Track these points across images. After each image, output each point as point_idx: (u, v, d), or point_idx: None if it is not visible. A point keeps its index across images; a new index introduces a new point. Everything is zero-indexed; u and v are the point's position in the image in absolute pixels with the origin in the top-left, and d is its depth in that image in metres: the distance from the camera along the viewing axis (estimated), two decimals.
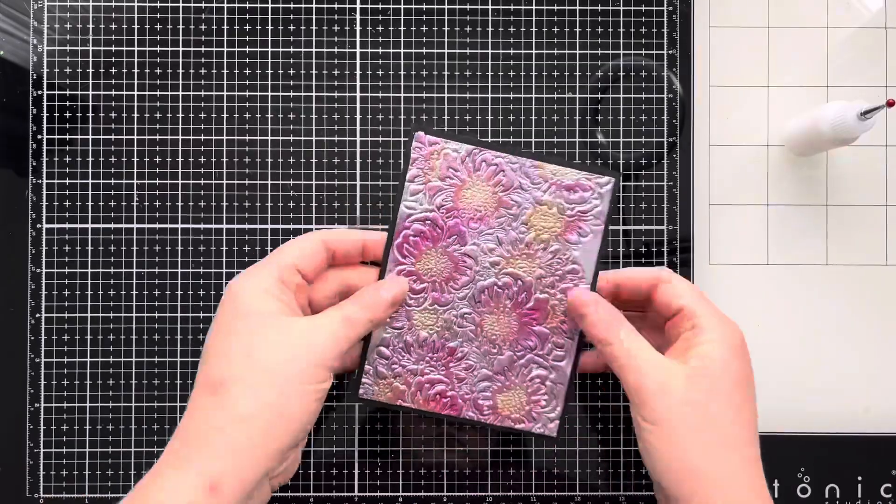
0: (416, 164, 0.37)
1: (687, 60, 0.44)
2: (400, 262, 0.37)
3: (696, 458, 0.32)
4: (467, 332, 0.37)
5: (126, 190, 0.43)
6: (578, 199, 0.37)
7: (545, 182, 0.37)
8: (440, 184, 0.37)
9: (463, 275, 0.37)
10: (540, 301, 0.37)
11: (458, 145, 0.36)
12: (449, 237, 0.37)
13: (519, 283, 0.37)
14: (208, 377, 0.32)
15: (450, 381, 0.37)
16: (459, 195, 0.37)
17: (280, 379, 0.32)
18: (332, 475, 0.43)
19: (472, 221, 0.37)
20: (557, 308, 0.37)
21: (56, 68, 0.43)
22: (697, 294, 0.36)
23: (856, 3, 0.44)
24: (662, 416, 0.33)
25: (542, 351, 0.37)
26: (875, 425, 0.43)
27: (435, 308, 0.37)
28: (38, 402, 0.42)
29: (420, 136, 0.36)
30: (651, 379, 0.33)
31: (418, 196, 0.37)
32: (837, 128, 0.39)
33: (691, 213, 0.43)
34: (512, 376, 0.37)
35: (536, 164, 0.36)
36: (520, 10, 0.43)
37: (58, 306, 0.42)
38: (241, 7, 0.43)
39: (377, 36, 0.43)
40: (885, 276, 0.44)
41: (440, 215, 0.37)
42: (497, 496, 0.43)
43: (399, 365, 0.37)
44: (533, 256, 0.37)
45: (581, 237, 0.37)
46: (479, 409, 0.38)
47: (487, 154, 0.36)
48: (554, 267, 0.37)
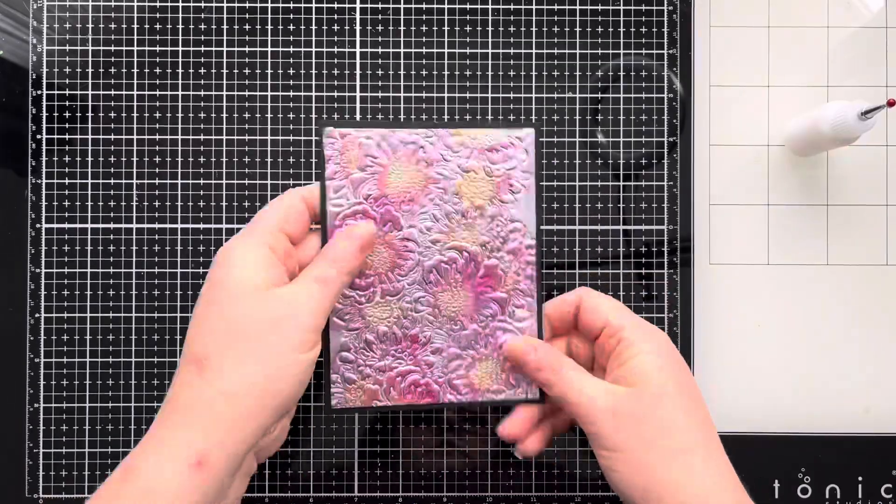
0: (331, 160, 0.35)
1: (687, 60, 0.43)
2: None
3: (658, 471, 0.32)
4: (425, 316, 0.36)
5: (126, 190, 0.43)
6: (502, 158, 0.36)
7: (466, 148, 0.36)
8: (362, 174, 0.36)
9: (407, 260, 0.36)
10: (489, 267, 0.36)
11: (370, 132, 0.36)
12: (383, 225, 0.36)
13: (465, 254, 0.36)
14: (193, 352, 0.32)
15: (420, 369, 0.37)
16: (384, 181, 0.36)
17: (264, 352, 0.32)
18: (332, 475, 0.43)
19: (404, 204, 0.36)
20: (509, 270, 0.37)
21: (56, 68, 0.43)
22: (617, 307, 0.36)
23: (856, 3, 0.44)
24: (618, 442, 0.33)
25: (503, 315, 0.37)
26: (875, 425, 0.43)
27: (387, 300, 0.36)
28: (38, 402, 0.42)
29: (330, 132, 0.35)
30: (599, 410, 0.33)
31: (343, 192, 0.36)
32: (838, 128, 0.39)
33: (691, 213, 0.43)
34: (480, 348, 0.37)
35: (453, 132, 0.36)
36: (520, 10, 0.43)
37: (57, 306, 0.42)
38: (241, 7, 0.43)
39: (377, 36, 0.43)
40: (885, 276, 0.44)
41: (369, 206, 0.36)
42: (497, 496, 0.43)
43: (365, 366, 0.36)
44: (472, 225, 0.36)
45: (514, 194, 0.36)
46: (457, 390, 0.37)
47: (402, 134, 0.36)
48: (495, 230, 0.36)
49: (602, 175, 0.43)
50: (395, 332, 0.36)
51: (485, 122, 0.39)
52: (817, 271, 0.44)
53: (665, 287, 0.43)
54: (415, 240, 0.36)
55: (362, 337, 0.36)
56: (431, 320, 0.37)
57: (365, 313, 0.36)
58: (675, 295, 0.43)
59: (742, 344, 0.44)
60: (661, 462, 0.33)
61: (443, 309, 0.37)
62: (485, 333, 0.37)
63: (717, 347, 0.43)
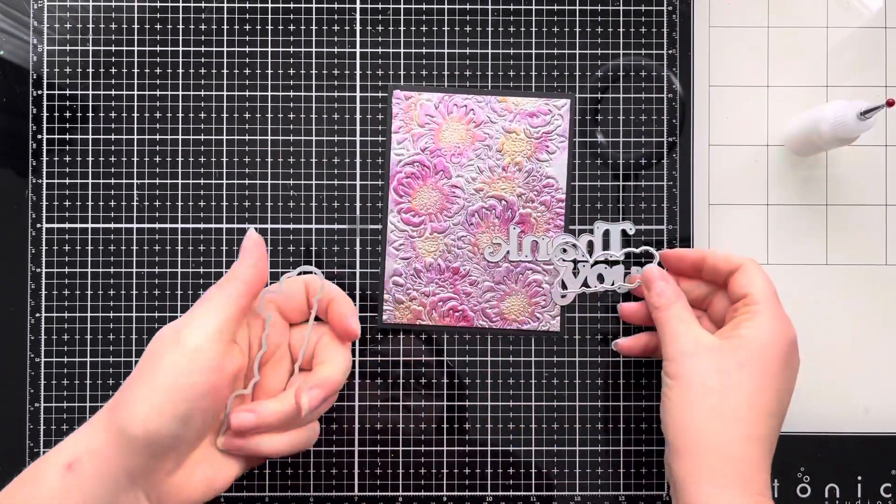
0: (397, 117, 0.42)
1: (687, 60, 0.44)
2: (398, 202, 0.42)
3: (700, 418, 0.34)
4: (466, 253, 0.42)
5: (126, 190, 0.43)
6: (542, 123, 0.42)
7: (510, 113, 0.42)
8: (421, 130, 0.42)
9: (453, 204, 0.42)
10: (524, 215, 0.42)
11: (430, 95, 0.42)
12: (436, 174, 0.42)
13: (503, 202, 0.42)
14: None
15: (459, 297, 0.42)
16: (439, 137, 0.42)
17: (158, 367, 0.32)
18: (332, 475, 0.43)
19: (454, 157, 0.42)
20: (541, 219, 0.42)
21: (56, 68, 0.43)
22: (769, 288, 0.37)
23: (856, 3, 0.44)
24: (682, 372, 0.35)
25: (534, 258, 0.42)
26: (875, 425, 0.43)
27: (435, 236, 0.42)
28: (38, 402, 0.42)
29: (397, 93, 0.42)
30: (684, 341, 0.36)
31: (404, 143, 0.42)
32: (837, 128, 0.39)
33: (691, 213, 0.43)
34: (511, 284, 0.42)
35: (500, 98, 0.42)
36: (520, 10, 0.43)
37: (58, 306, 0.42)
38: (241, 7, 0.43)
39: (377, 36, 0.43)
40: (885, 276, 0.44)
41: (425, 157, 0.42)
42: (497, 496, 0.43)
43: (413, 290, 0.42)
44: (511, 178, 0.42)
45: (550, 154, 0.42)
46: (489, 318, 0.42)
47: (457, 98, 0.42)
48: (531, 184, 0.42)
49: (602, 175, 0.43)
50: (440, 263, 0.42)
51: (528, 92, 0.43)
52: (817, 271, 0.44)
53: None
54: (461, 187, 0.42)
55: (412, 265, 0.42)
56: (471, 256, 0.42)
57: (415, 245, 0.42)
58: None
59: None
60: (708, 412, 0.34)
61: (481, 247, 0.42)
62: (516, 272, 0.42)
63: None
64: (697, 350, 0.35)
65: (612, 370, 0.43)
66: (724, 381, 0.34)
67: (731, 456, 0.34)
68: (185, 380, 0.32)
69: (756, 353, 0.35)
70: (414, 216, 0.42)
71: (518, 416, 0.43)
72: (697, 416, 0.34)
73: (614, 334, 0.43)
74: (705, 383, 0.35)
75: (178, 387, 0.32)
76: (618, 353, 0.42)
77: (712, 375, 0.35)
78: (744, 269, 0.37)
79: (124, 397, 0.32)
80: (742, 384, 0.34)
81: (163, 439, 0.31)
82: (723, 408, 0.34)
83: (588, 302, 0.43)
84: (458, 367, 0.43)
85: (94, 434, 0.32)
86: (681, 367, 0.35)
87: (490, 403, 0.43)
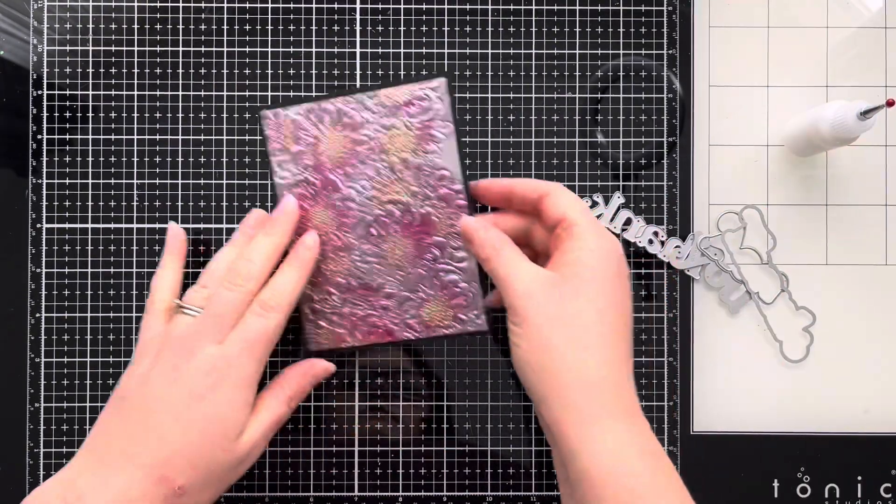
0: (273, 140, 0.39)
1: (687, 60, 0.44)
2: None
3: (556, 356, 0.33)
4: (374, 266, 0.40)
5: (126, 190, 0.43)
6: (419, 110, 0.39)
7: (384, 108, 0.39)
8: (299, 147, 0.39)
9: (350, 218, 0.40)
10: (424, 215, 0.39)
11: (296, 108, 0.39)
12: (325, 190, 0.39)
13: (399, 206, 0.39)
14: None
15: (377, 312, 0.40)
16: (318, 150, 0.39)
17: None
18: (332, 475, 0.43)
19: (338, 169, 0.39)
20: (442, 216, 0.39)
21: (56, 68, 0.43)
22: (581, 207, 0.36)
23: (856, 3, 0.44)
24: (525, 316, 0.34)
25: (444, 258, 0.40)
26: (875, 425, 0.43)
27: (338, 255, 0.40)
28: (38, 402, 0.42)
29: (265, 114, 0.39)
30: (520, 284, 0.35)
31: (286, 166, 0.40)
32: (837, 128, 0.39)
33: (691, 213, 0.43)
34: (427, 289, 0.40)
35: (371, 94, 0.39)
36: (520, 10, 0.43)
37: (58, 306, 0.42)
38: (241, 7, 0.43)
39: (377, 36, 0.43)
40: (884, 275, 0.44)
41: (309, 175, 0.39)
42: (497, 496, 0.43)
43: (331, 313, 0.41)
44: (402, 179, 0.39)
45: (436, 144, 0.39)
46: (412, 328, 0.40)
47: (326, 104, 0.39)
48: (423, 180, 0.39)
49: (602, 175, 0.43)
50: (351, 282, 0.40)
51: (397, 80, 0.41)
52: (817, 271, 0.44)
53: (665, 287, 0.43)
54: (353, 199, 0.40)
55: (324, 289, 0.41)
56: (380, 269, 0.40)
57: (322, 269, 0.40)
58: (675, 295, 0.43)
59: (741, 344, 0.44)
60: (559, 347, 0.33)
61: (388, 258, 0.40)
62: (429, 276, 0.40)
63: (716, 347, 0.43)
64: (534, 288, 0.34)
65: None
66: (569, 311, 0.34)
67: (598, 384, 0.33)
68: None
69: (590, 276, 0.34)
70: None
71: (518, 416, 0.43)
72: (553, 355, 0.33)
73: None
74: (551, 319, 0.34)
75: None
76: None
77: (555, 308, 0.34)
78: (553, 193, 0.37)
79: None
80: (586, 310, 0.34)
81: None
82: (575, 339, 0.33)
83: None
84: (458, 368, 0.43)
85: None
86: (524, 310, 0.34)
87: (490, 403, 0.43)
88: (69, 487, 0.33)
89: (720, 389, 0.43)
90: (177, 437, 0.34)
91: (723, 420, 0.43)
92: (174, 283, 0.39)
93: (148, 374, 0.35)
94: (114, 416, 0.35)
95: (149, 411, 0.34)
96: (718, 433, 0.43)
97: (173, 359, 0.35)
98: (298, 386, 0.39)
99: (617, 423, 0.32)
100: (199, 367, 0.35)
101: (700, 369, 0.43)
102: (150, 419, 0.34)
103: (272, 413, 0.37)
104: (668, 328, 0.43)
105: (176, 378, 0.35)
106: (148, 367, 0.36)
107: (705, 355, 0.43)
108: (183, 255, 0.41)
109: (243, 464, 0.36)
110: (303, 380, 0.39)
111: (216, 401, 0.35)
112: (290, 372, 0.39)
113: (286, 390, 0.38)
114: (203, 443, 0.34)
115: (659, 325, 0.43)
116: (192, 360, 0.35)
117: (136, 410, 0.35)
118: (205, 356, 0.35)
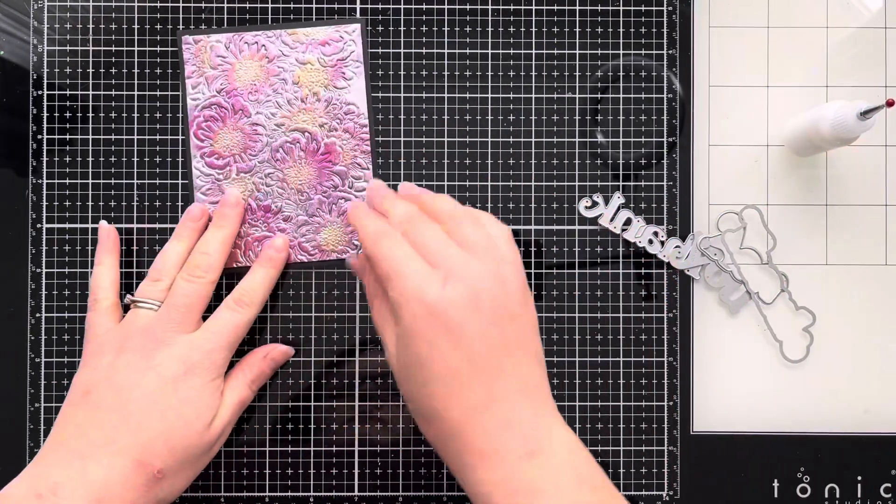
0: (189, 62, 0.42)
1: (687, 60, 0.44)
2: (200, 147, 0.42)
3: (417, 399, 0.33)
4: (275, 189, 0.42)
5: (126, 190, 0.43)
6: (335, 50, 0.42)
7: (301, 44, 0.42)
8: (214, 72, 0.42)
9: (256, 142, 0.42)
10: (329, 145, 0.42)
11: (219, 36, 0.42)
12: (234, 114, 0.42)
13: (306, 134, 0.42)
14: None
15: (274, 235, 0.42)
16: (233, 76, 0.42)
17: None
18: (332, 475, 0.43)
19: (251, 94, 0.42)
20: (346, 147, 0.42)
21: (56, 68, 0.43)
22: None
23: (856, 3, 0.44)
24: (394, 365, 0.34)
25: (344, 186, 0.42)
26: (875, 425, 0.43)
27: (241, 177, 0.42)
28: (38, 402, 0.42)
29: (186, 39, 0.42)
30: (409, 283, 0.32)
31: (199, 87, 0.42)
32: (837, 128, 0.39)
33: (691, 213, 0.43)
34: (325, 215, 0.42)
35: (290, 31, 0.42)
36: (520, 10, 0.43)
37: (58, 306, 0.42)
38: (240, 7, 0.43)
39: (377, 36, 0.43)
40: (884, 276, 0.44)
41: (221, 98, 0.42)
42: None
43: None
44: (311, 110, 0.42)
45: (347, 81, 0.42)
46: (306, 251, 0.42)
47: (247, 35, 0.42)
48: (332, 113, 0.42)
49: (602, 175, 0.43)
50: (251, 203, 0.42)
51: (318, 21, 0.43)
52: (816, 271, 0.44)
53: (665, 287, 0.43)
54: (262, 124, 0.42)
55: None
56: (281, 192, 0.42)
57: (223, 189, 0.42)
58: (675, 295, 0.43)
59: (741, 344, 0.44)
60: (417, 391, 0.33)
61: (290, 182, 0.42)
62: (329, 202, 0.42)
63: (716, 347, 0.43)
64: (423, 292, 0.32)
65: (611, 370, 0.43)
66: (413, 360, 0.32)
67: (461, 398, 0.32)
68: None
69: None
70: (218, 159, 0.42)
71: None
72: (419, 400, 0.32)
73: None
74: (405, 368, 0.33)
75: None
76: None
77: (403, 360, 0.33)
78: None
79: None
80: (420, 347, 0.32)
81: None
82: (425, 379, 0.32)
83: None
84: None
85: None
86: (406, 316, 0.32)
87: None
88: (41, 481, 0.33)
89: (720, 389, 0.43)
90: (155, 422, 0.35)
91: (723, 420, 0.43)
92: (114, 281, 0.40)
93: (113, 365, 0.36)
94: (79, 410, 0.36)
95: (123, 399, 0.36)
96: (718, 433, 0.43)
97: (142, 349, 0.37)
98: (259, 370, 0.41)
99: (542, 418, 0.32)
100: (171, 354, 0.37)
101: (700, 369, 0.43)
102: (126, 406, 0.35)
103: (237, 397, 0.39)
104: (668, 328, 0.43)
105: (148, 366, 0.36)
106: (112, 360, 0.37)
107: (705, 355, 0.43)
108: (118, 252, 0.42)
109: (213, 447, 0.38)
110: (263, 363, 0.41)
111: (190, 386, 0.37)
112: (251, 357, 0.41)
113: (248, 374, 0.40)
114: (181, 427, 0.36)
115: (659, 325, 0.43)
116: (162, 348, 0.37)
117: (107, 400, 0.36)
118: (175, 344, 0.37)
